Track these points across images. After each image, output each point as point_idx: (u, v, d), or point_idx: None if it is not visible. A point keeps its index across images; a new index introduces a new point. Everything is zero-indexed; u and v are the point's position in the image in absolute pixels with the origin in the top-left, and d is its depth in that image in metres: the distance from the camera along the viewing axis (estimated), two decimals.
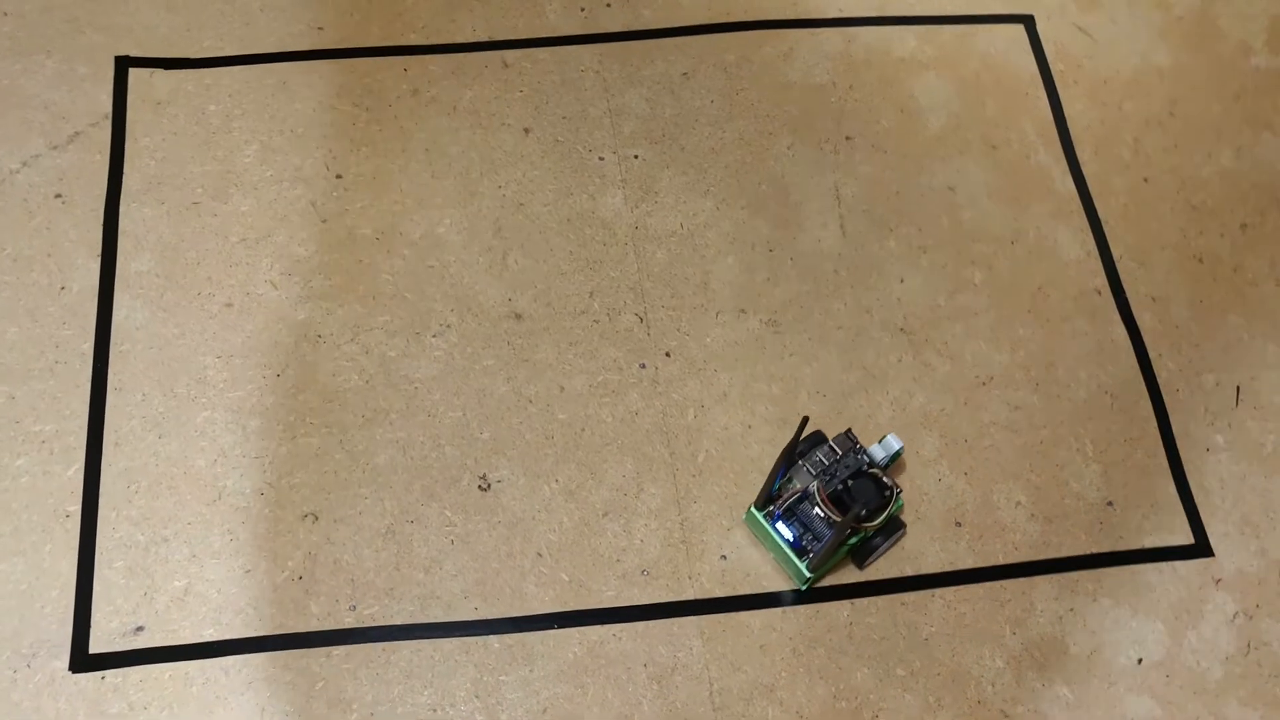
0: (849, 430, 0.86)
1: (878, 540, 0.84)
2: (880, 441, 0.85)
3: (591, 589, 0.83)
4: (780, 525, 0.83)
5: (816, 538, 0.82)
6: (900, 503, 0.84)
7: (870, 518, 0.82)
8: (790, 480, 0.84)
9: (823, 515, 0.81)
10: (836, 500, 0.82)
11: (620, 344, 0.92)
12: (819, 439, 0.86)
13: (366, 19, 1.04)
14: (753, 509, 0.84)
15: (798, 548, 0.82)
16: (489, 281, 0.93)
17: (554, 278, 0.94)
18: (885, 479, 0.83)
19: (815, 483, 0.82)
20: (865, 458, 0.84)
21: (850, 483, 0.83)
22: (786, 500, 0.82)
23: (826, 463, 0.84)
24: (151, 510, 0.83)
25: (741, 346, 0.92)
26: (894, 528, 0.85)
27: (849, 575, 0.85)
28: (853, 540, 0.83)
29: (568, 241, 0.95)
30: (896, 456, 0.86)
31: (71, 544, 0.82)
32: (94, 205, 0.93)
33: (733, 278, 0.95)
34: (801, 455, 0.84)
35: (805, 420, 0.80)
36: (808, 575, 0.82)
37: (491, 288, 0.93)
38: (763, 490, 0.83)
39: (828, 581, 0.85)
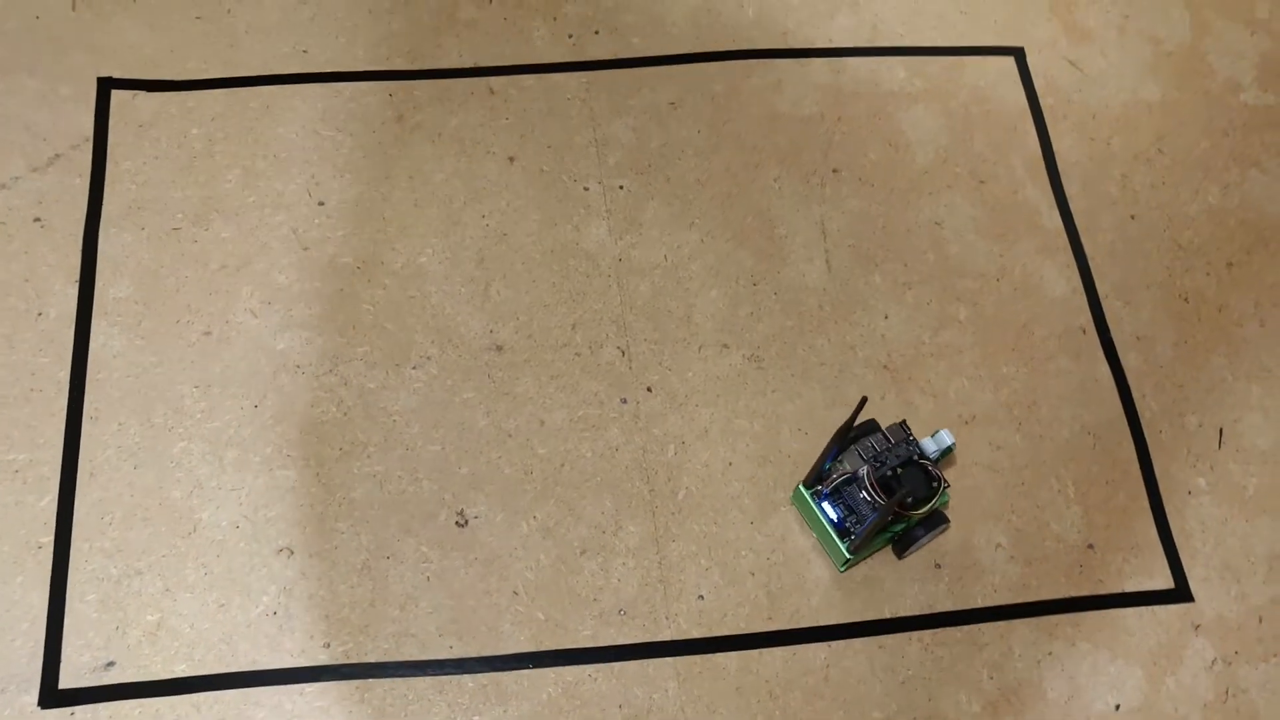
0: (904, 421, 0.86)
1: (919, 531, 0.84)
2: (933, 435, 0.85)
3: (568, 628, 0.83)
4: (826, 505, 0.84)
5: (860, 520, 0.83)
6: (946, 496, 0.85)
7: (915, 506, 0.83)
8: (841, 462, 0.85)
9: (869, 499, 0.82)
10: (884, 485, 0.83)
11: (602, 378, 0.91)
12: (872, 427, 0.86)
13: (352, 43, 1.03)
14: (800, 487, 0.85)
15: (840, 528, 0.83)
16: (470, 313, 0.92)
17: (536, 309, 0.93)
18: (933, 470, 0.84)
19: (865, 467, 0.83)
20: (916, 449, 0.85)
21: (899, 470, 0.84)
22: (835, 481, 0.83)
23: (878, 449, 0.85)
24: (125, 542, 0.82)
25: (723, 382, 0.92)
26: (937, 521, 0.85)
27: (826, 615, 0.84)
28: (896, 528, 0.84)
29: (551, 273, 0.95)
30: (948, 452, 0.86)
31: (43, 576, 0.81)
32: (73, 230, 0.92)
33: (716, 311, 0.95)
34: (854, 440, 0.85)
35: (864, 400, 0.80)
36: (848, 556, 0.83)
37: (473, 319, 0.92)
38: (813, 469, 0.84)
39: (805, 622, 0.84)
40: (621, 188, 0.99)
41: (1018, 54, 1.09)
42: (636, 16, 1.07)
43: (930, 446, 0.85)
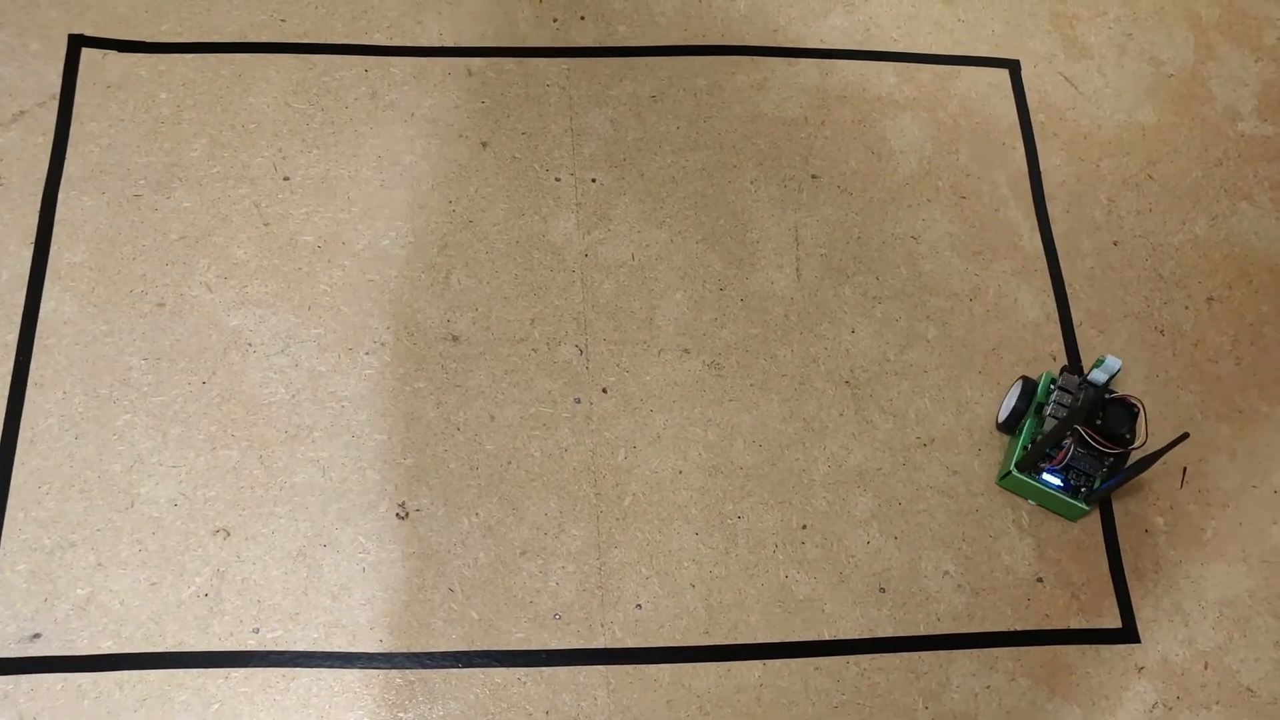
0: (1064, 367, 0.91)
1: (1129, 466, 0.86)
2: (1100, 365, 0.86)
3: (501, 629, 0.82)
4: (1047, 476, 0.86)
5: (1082, 473, 0.87)
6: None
7: (1132, 438, 0.86)
8: (1037, 433, 0.88)
9: (1090, 451, 0.86)
10: (1106, 435, 0.85)
11: (557, 376, 0.90)
12: (1029, 387, 0.89)
13: (331, 14, 1.01)
14: (1014, 471, 0.87)
15: (1069, 489, 0.86)
16: (429, 300, 0.91)
17: (496, 301, 0.92)
18: (1129, 398, 0.87)
19: (1075, 428, 0.85)
20: (1092, 388, 0.88)
21: (1102, 414, 0.86)
22: (1065, 459, 0.86)
23: (1067, 405, 0.87)
24: (61, 513, 0.82)
25: (681, 388, 0.90)
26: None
27: (764, 633, 0.83)
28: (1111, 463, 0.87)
29: (514, 264, 0.93)
30: (1116, 373, 0.87)
31: None
32: (32, 190, 0.91)
33: (679, 315, 0.93)
34: (1039, 408, 0.88)
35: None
36: (1085, 508, 0.87)
37: (431, 307, 0.91)
38: (1029, 455, 0.86)
39: (742, 638, 0.83)
40: (594, 181, 0.97)
41: (1013, 66, 1.07)
42: (625, 4, 1.05)
43: (1102, 377, 0.87)
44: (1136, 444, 0.86)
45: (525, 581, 0.83)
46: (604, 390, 0.90)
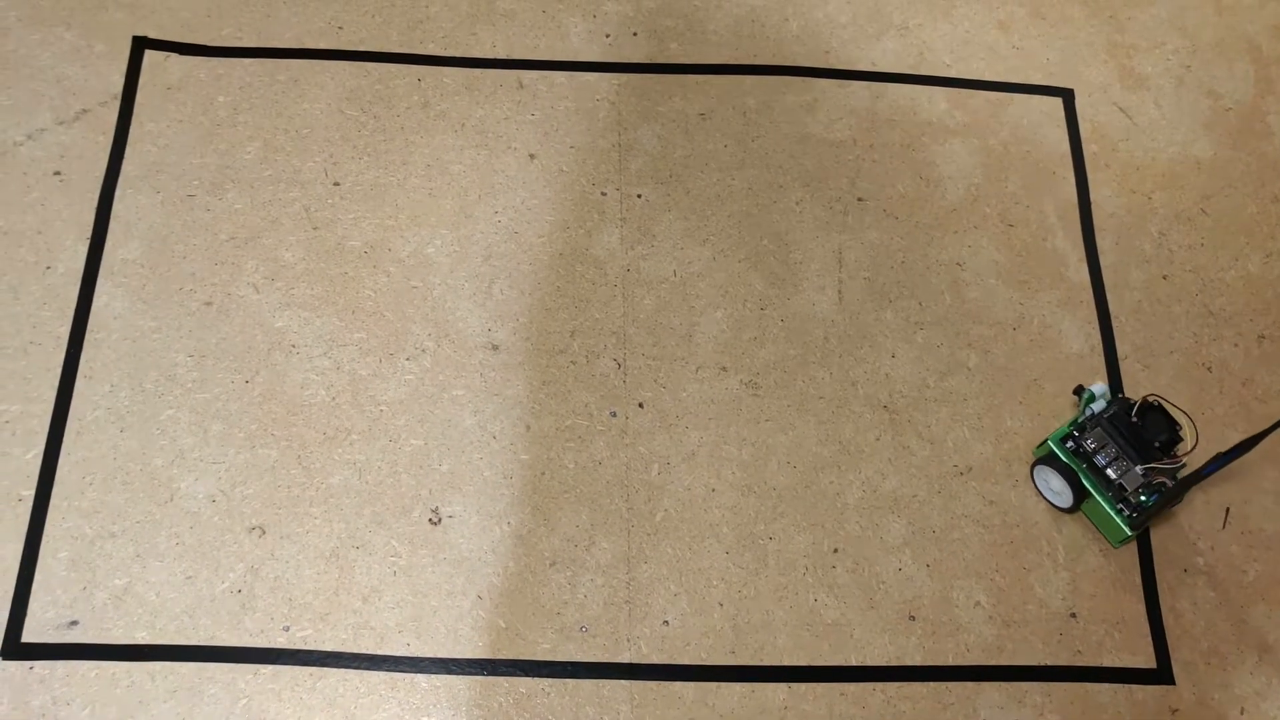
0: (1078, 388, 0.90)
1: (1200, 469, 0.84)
2: (1090, 400, 0.88)
3: (527, 639, 0.82)
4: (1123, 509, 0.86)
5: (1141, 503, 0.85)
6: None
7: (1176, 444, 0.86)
8: (1106, 481, 0.86)
9: (1154, 477, 0.85)
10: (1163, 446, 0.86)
11: (594, 389, 0.90)
12: (1056, 463, 0.87)
13: (387, 23, 1.02)
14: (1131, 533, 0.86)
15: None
16: (470, 309, 0.92)
17: (537, 312, 0.92)
18: (1160, 402, 0.86)
19: (1136, 467, 0.85)
20: (1122, 404, 0.87)
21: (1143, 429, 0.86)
22: (1150, 491, 0.85)
23: (1109, 418, 0.87)
24: (103, 504, 0.83)
25: (717, 405, 0.90)
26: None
27: (791, 656, 0.83)
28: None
29: (557, 276, 0.94)
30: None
31: (20, 529, 0.82)
32: (91, 186, 0.93)
33: (719, 333, 0.93)
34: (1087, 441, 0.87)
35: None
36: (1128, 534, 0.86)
37: (472, 315, 0.92)
38: (1145, 515, 0.85)
39: (768, 660, 0.83)
40: (639, 196, 0.97)
41: (1066, 95, 1.06)
42: (678, 21, 1.05)
43: (1101, 404, 0.88)
44: (1181, 449, 0.85)
45: (554, 592, 0.84)
46: (640, 405, 0.90)
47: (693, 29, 1.05)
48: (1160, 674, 0.85)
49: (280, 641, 0.81)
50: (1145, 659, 0.85)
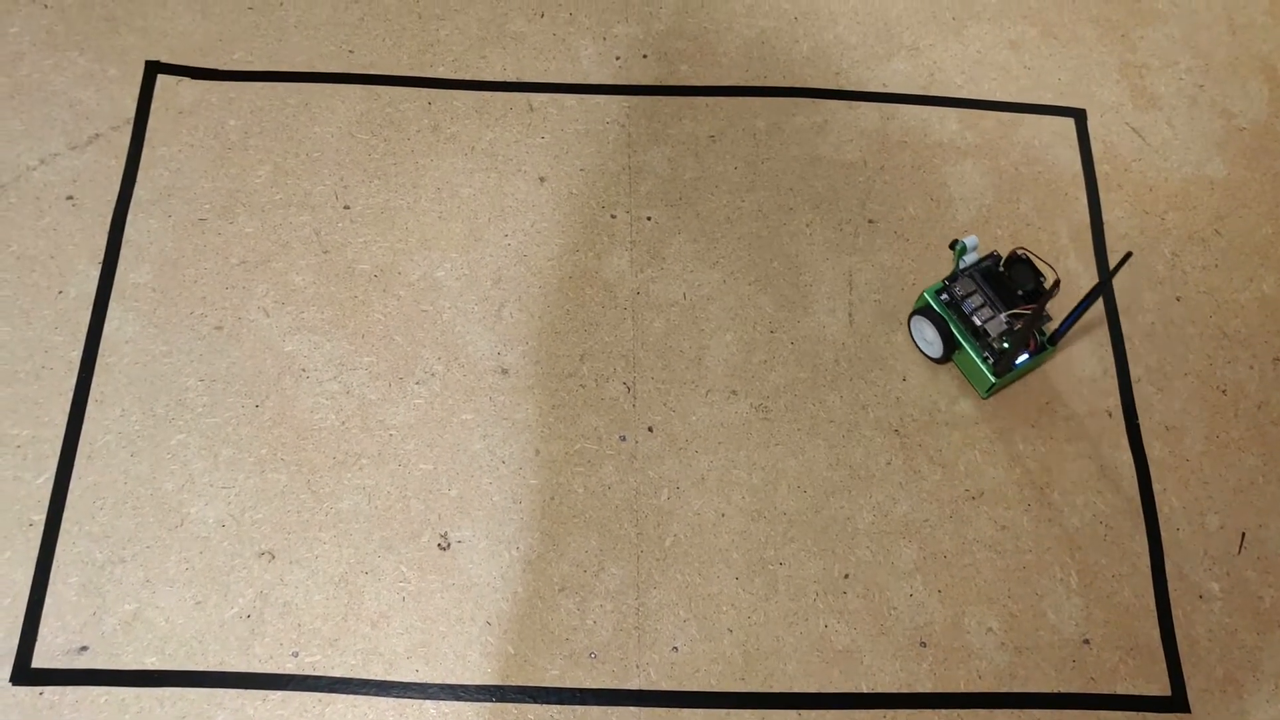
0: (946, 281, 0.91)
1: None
2: (963, 252, 0.90)
3: (536, 665, 0.82)
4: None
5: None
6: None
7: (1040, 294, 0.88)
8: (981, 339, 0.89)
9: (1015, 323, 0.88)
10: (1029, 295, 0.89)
11: (604, 413, 0.90)
12: (930, 313, 0.90)
13: (398, 46, 1.03)
14: (997, 381, 0.90)
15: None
16: (480, 333, 0.92)
17: (547, 336, 0.92)
18: (1022, 253, 0.89)
19: (999, 314, 0.88)
20: (989, 260, 0.91)
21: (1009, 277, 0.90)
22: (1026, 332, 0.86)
23: (982, 269, 0.91)
24: (113, 529, 0.83)
25: (727, 429, 0.90)
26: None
27: (801, 682, 0.82)
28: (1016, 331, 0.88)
29: (566, 299, 0.94)
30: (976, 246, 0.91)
31: (30, 554, 0.82)
32: (103, 211, 0.94)
33: (729, 356, 0.93)
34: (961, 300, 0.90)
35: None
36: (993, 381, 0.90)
37: (482, 339, 0.92)
38: (1006, 358, 0.88)
39: (778, 687, 0.82)
40: (649, 219, 0.97)
41: (1078, 115, 1.05)
42: (688, 43, 1.05)
43: (973, 257, 0.90)
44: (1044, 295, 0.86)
45: (563, 618, 0.83)
46: (650, 429, 0.90)
47: (703, 51, 1.05)
48: (1175, 701, 0.84)
49: (289, 667, 0.81)
50: (1160, 686, 0.84)
